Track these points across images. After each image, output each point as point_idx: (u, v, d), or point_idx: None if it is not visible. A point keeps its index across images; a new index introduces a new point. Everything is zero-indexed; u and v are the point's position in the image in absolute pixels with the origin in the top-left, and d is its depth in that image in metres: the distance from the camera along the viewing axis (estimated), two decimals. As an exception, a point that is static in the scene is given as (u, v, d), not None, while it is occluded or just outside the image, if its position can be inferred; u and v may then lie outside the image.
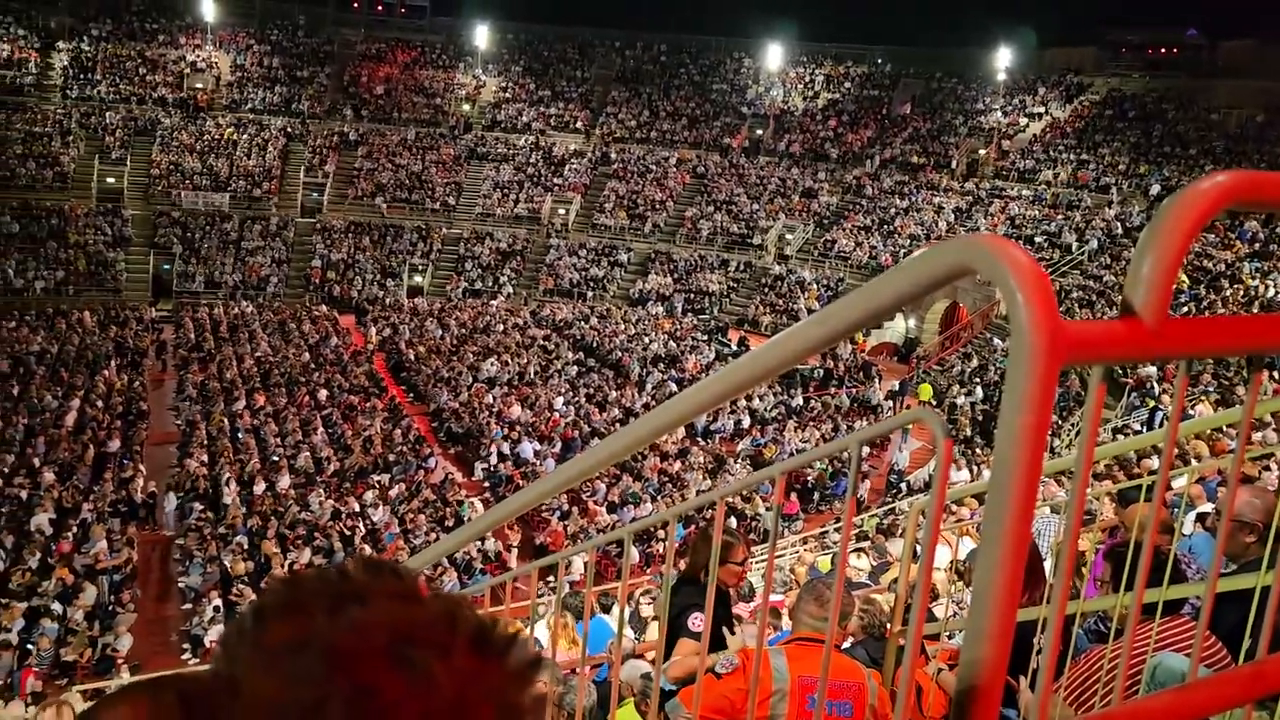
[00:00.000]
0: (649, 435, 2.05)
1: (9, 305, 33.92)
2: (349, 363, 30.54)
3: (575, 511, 20.39)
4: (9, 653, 14.75)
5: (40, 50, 44.40)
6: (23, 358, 28.75)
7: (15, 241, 37.05)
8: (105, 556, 17.95)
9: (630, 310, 38.06)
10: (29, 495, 20.18)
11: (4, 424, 23.99)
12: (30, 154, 40.13)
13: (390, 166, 44.94)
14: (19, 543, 18.42)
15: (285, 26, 50.36)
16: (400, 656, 0.66)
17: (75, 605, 16.29)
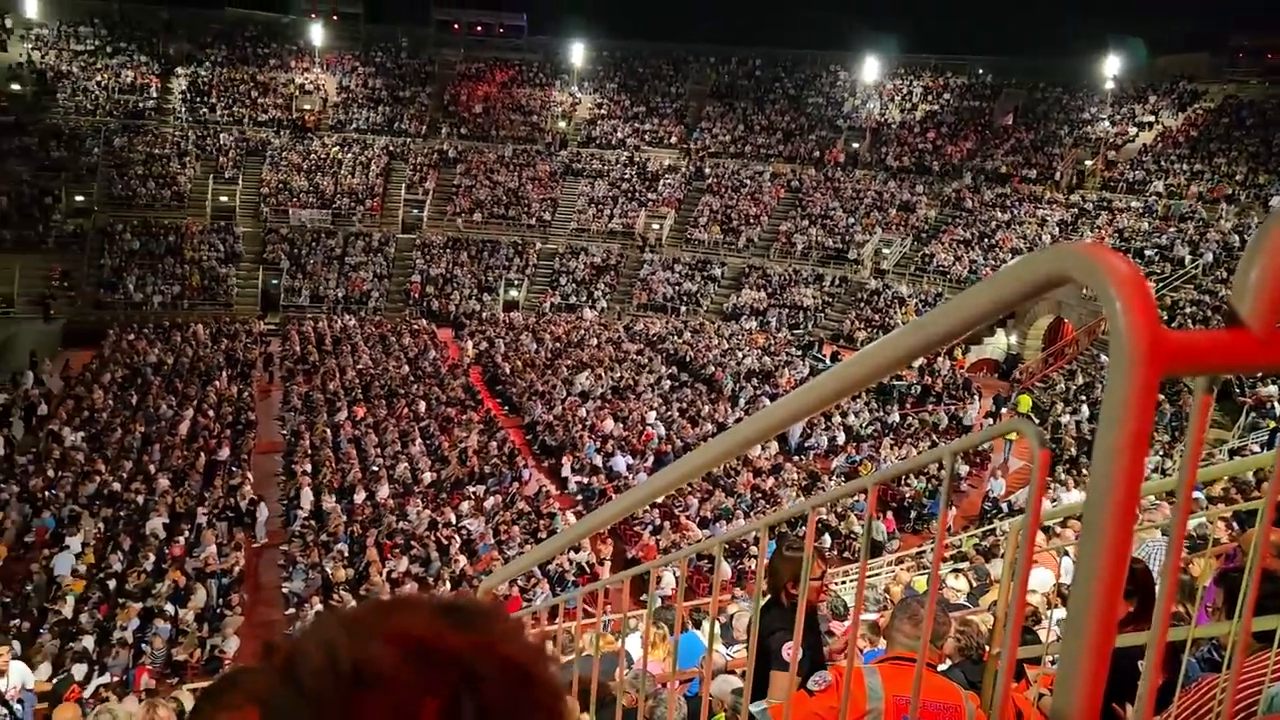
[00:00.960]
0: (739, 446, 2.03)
1: (129, 318, 35.62)
2: (446, 376, 31.14)
3: (667, 526, 20.37)
4: (125, 651, 15.42)
5: (161, 76, 46.61)
6: (140, 368, 30.11)
7: (136, 258, 38.95)
8: (214, 560, 18.63)
9: (724, 325, 37.97)
10: (145, 500, 21.10)
11: (123, 432, 25.17)
12: (150, 174, 42.11)
13: (488, 183, 45.80)
14: (135, 545, 19.27)
15: (389, 49, 51.85)
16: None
17: (186, 607, 16.94)
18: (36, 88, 43.83)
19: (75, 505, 20.63)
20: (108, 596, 17.46)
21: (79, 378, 29.48)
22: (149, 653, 15.68)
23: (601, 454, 24.36)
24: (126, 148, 42.94)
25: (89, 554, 18.82)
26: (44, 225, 38.77)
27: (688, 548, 3.24)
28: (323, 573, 18.30)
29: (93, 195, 40.67)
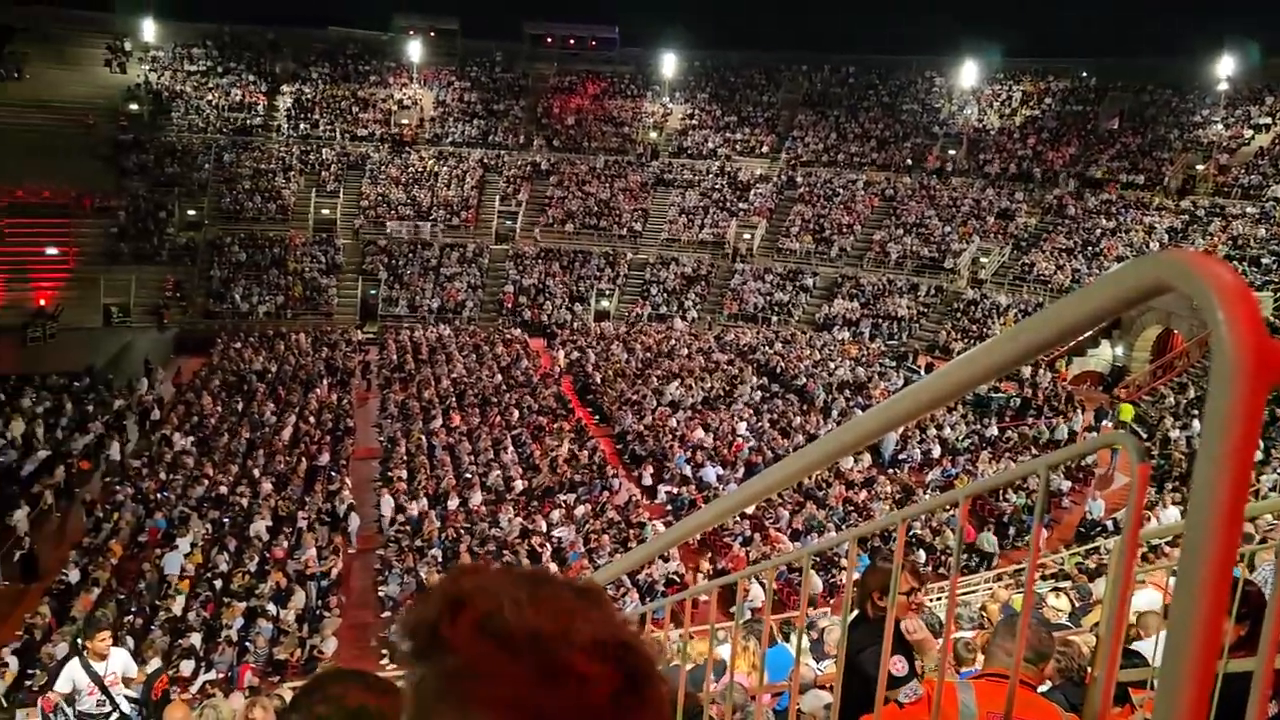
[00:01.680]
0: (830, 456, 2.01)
1: (236, 327, 36.99)
2: (538, 384, 31.49)
3: (757, 538, 20.22)
4: (230, 648, 15.97)
5: (267, 94, 48.35)
6: (246, 376, 31.21)
7: (243, 269, 40.45)
8: (314, 563, 19.16)
9: (815, 335, 37.60)
10: (249, 503, 21.84)
11: (230, 437, 26.11)
12: (256, 188, 43.69)
13: (579, 194, 46.26)
14: (240, 547, 19.95)
15: (484, 63, 52.85)
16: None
17: (287, 607, 17.45)
18: (153, 107, 45.90)
19: (185, 507, 21.47)
20: (214, 596, 18.10)
21: (189, 384, 30.68)
22: (252, 651, 16.20)
23: (691, 464, 24.33)
24: (235, 163, 44.65)
25: (197, 554, 19.55)
26: (159, 238, 40.54)
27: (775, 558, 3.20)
28: (417, 577, 18.65)
29: (203, 209, 42.40)
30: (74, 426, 26.38)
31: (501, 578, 0.80)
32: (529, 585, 0.79)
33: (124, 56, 47.88)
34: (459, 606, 0.76)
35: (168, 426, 26.74)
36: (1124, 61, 48.98)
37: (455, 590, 0.78)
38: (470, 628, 0.74)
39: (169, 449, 25.06)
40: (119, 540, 20.06)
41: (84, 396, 28.77)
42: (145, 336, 36.54)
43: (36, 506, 21.74)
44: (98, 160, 42.65)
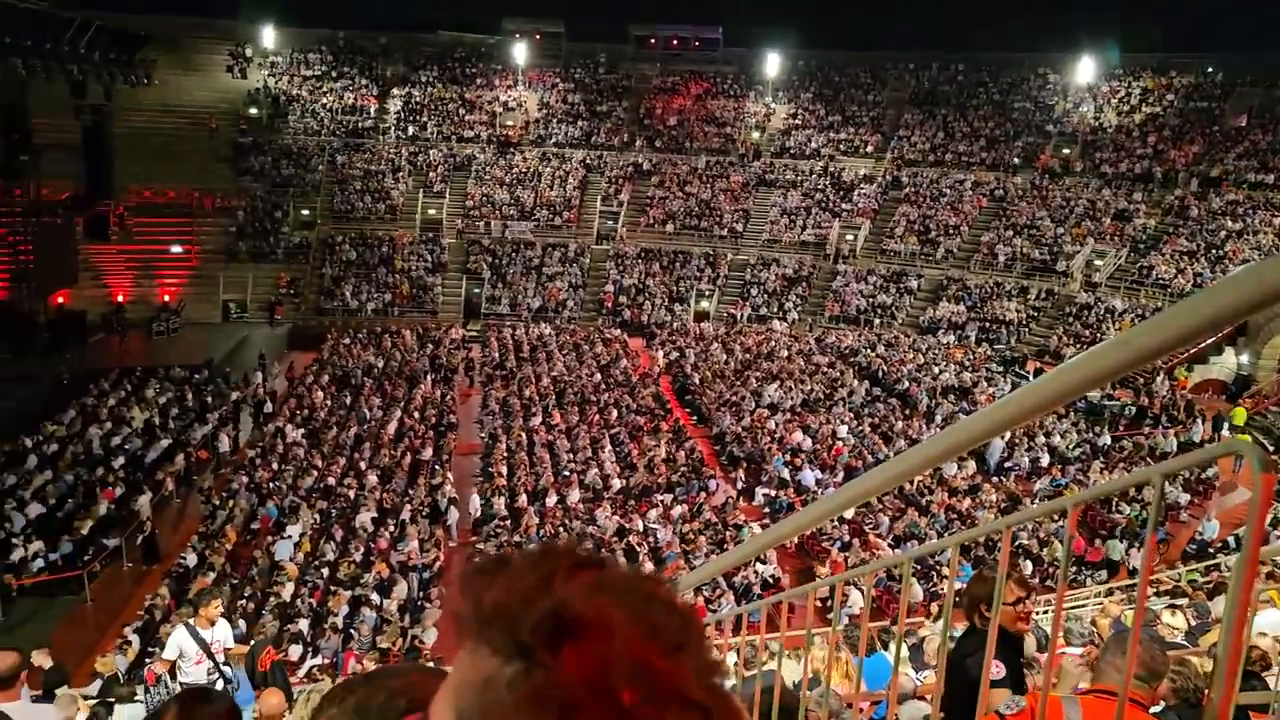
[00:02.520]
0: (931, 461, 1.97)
1: (345, 324, 38.15)
2: (637, 384, 31.62)
3: (856, 543, 19.93)
4: (336, 635, 16.47)
5: (378, 97, 49.72)
6: (354, 371, 32.17)
7: (352, 267, 41.71)
8: (416, 555, 19.62)
9: (919, 338, 36.85)
10: (356, 495, 22.51)
11: (338, 430, 26.94)
12: (367, 189, 44.98)
13: (680, 195, 46.28)
14: (346, 537, 20.58)
15: (587, 65, 53.33)
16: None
17: (390, 597, 17.92)
18: (271, 111, 47.67)
19: (295, 497, 22.24)
20: (321, 583, 18.70)
21: (301, 379, 31.77)
22: (356, 639, 16.68)
23: (790, 467, 24.11)
24: (347, 164, 46.05)
25: (305, 543, 20.24)
26: (274, 237, 42.11)
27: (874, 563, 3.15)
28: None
29: (316, 209, 43.85)
30: (194, 417, 27.58)
31: (610, 597, 0.75)
32: (639, 610, 0.75)
33: (245, 62, 49.86)
34: (563, 631, 0.72)
35: (280, 419, 27.74)
36: (1253, 56, 46.66)
37: (563, 609, 0.73)
38: (571, 658, 0.71)
39: (281, 440, 26.00)
40: (234, 527, 20.90)
41: (203, 388, 30.07)
42: (260, 331, 37.99)
43: (158, 492, 22.83)
44: (219, 162, 44.56)
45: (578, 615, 0.72)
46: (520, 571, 0.77)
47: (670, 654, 0.73)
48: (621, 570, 0.80)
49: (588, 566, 0.78)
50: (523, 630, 0.72)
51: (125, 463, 24.15)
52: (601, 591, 0.75)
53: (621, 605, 0.74)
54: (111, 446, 24.82)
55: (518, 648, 0.72)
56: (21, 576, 19.00)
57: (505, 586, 0.76)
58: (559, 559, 0.79)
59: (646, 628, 0.73)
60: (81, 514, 21.10)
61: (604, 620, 0.72)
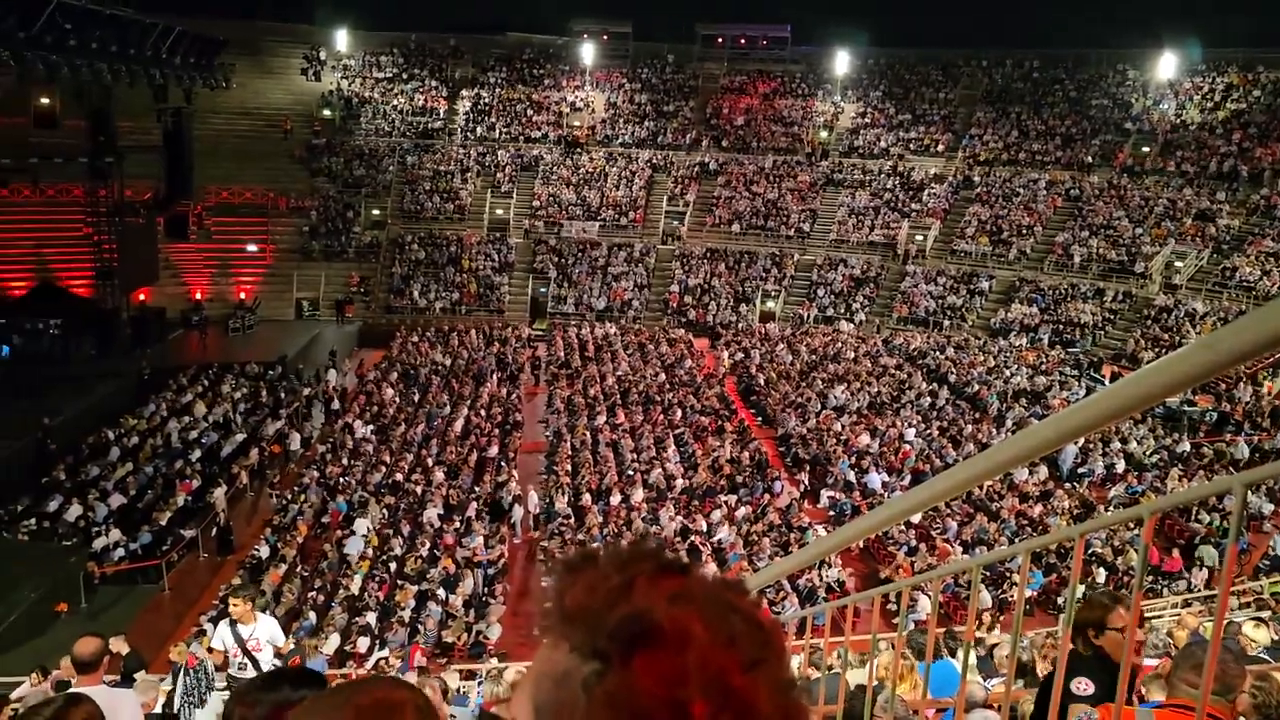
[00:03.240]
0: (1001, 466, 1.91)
1: (414, 322, 38.74)
2: (702, 384, 31.56)
3: (923, 548, 19.64)
4: (403, 629, 16.73)
5: (448, 98, 50.35)
6: (419, 369, 32.66)
7: (421, 266, 42.34)
8: (481, 551, 19.83)
9: (990, 341, 36.18)
10: (423, 491, 22.83)
11: (406, 426, 27.35)
12: (436, 189, 45.60)
13: (747, 194, 46.06)
14: (413, 532, 20.88)
15: (654, 65, 53.35)
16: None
17: (456, 593, 18.13)
18: (343, 113, 48.59)
19: (364, 492, 22.64)
20: (389, 577, 19.01)
21: (370, 375, 32.32)
22: (422, 632, 16.91)
23: (856, 470, 23.85)
24: (417, 165, 46.73)
25: (374, 537, 20.58)
26: (346, 237, 42.91)
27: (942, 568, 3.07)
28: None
29: (387, 209, 44.58)
30: (267, 412, 28.23)
31: (691, 606, 0.75)
32: (718, 622, 0.75)
33: (319, 65, 50.87)
34: (640, 638, 0.73)
35: (350, 415, 28.26)
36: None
37: (642, 617, 0.74)
38: (645, 666, 0.71)
39: (350, 436, 26.48)
40: (304, 520, 21.34)
41: (276, 384, 30.76)
42: (332, 329, 38.74)
43: (233, 485, 23.41)
44: (293, 163, 45.55)
45: (655, 623, 0.73)
46: (605, 572, 0.78)
47: (747, 668, 0.73)
48: (706, 579, 0.80)
49: (672, 572, 0.78)
50: (600, 633, 0.74)
51: (202, 456, 24.83)
52: (682, 600, 0.75)
53: (701, 616, 0.74)
54: (189, 440, 25.54)
55: (595, 649, 0.73)
56: (104, 565, 19.65)
57: (588, 587, 0.77)
58: (644, 563, 0.79)
59: (725, 640, 0.74)
60: (160, 505, 21.76)
61: (681, 630, 0.73)
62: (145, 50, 28.68)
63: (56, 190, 35.55)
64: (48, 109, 32.21)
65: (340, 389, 31.22)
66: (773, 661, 0.76)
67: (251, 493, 24.21)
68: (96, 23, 26.04)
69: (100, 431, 25.25)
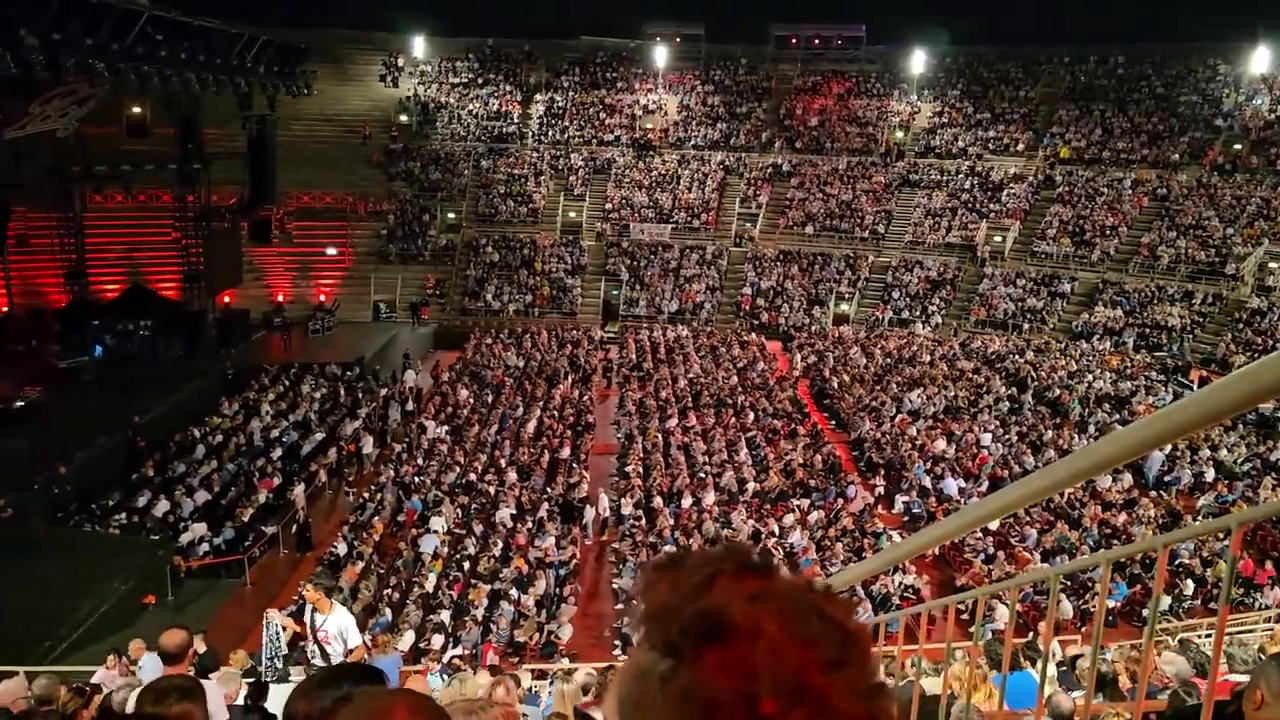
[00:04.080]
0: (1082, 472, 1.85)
1: (487, 324, 39.22)
2: (774, 388, 31.35)
3: (1001, 556, 19.22)
4: (476, 627, 16.91)
5: (522, 102, 50.85)
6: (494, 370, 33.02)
7: (495, 269, 42.85)
8: (553, 552, 19.96)
9: (1072, 344, 35.27)
10: (496, 491, 23.06)
11: (479, 427, 27.68)
12: (510, 193, 46.10)
13: (820, 196, 45.64)
14: (486, 532, 21.11)
15: (727, 66, 53.17)
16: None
17: (528, 593, 18.28)
18: (420, 118, 49.39)
19: (439, 492, 22.95)
20: (462, 576, 19.25)
21: (445, 377, 32.79)
22: (495, 631, 17.08)
23: (931, 475, 23.45)
24: (491, 169, 47.30)
25: (447, 536, 20.87)
26: (422, 240, 43.64)
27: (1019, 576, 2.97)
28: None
29: (462, 213, 45.21)
30: (345, 412, 28.82)
31: (769, 605, 0.75)
32: (796, 622, 0.75)
33: (397, 72, 51.79)
34: (711, 634, 0.74)
35: (425, 415, 28.69)
36: None
37: (713, 613, 0.75)
38: (714, 661, 0.73)
39: (425, 436, 26.89)
40: (381, 519, 21.73)
41: (354, 385, 31.38)
42: (408, 331, 39.42)
43: (312, 484, 23.94)
44: (371, 168, 46.46)
45: (729, 619, 0.75)
46: (688, 572, 0.80)
47: (826, 669, 0.74)
48: (789, 580, 0.80)
49: (755, 572, 0.79)
50: (675, 629, 0.76)
51: (283, 454, 25.45)
52: (760, 599, 0.76)
53: (779, 614, 0.75)
54: (271, 439, 26.20)
55: (669, 645, 0.75)
56: (189, 559, 20.27)
57: (670, 585, 0.79)
58: (727, 563, 0.80)
59: (802, 639, 0.74)
60: (243, 502, 22.36)
61: (754, 627, 0.74)
62: (231, 60, 29.48)
63: (147, 196, 36.73)
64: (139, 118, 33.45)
65: (416, 390, 31.73)
66: (855, 664, 0.75)
67: (329, 491, 24.74)
68: (185, 34, 26.84)
69: (187, 429, 26.06)
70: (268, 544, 21.38)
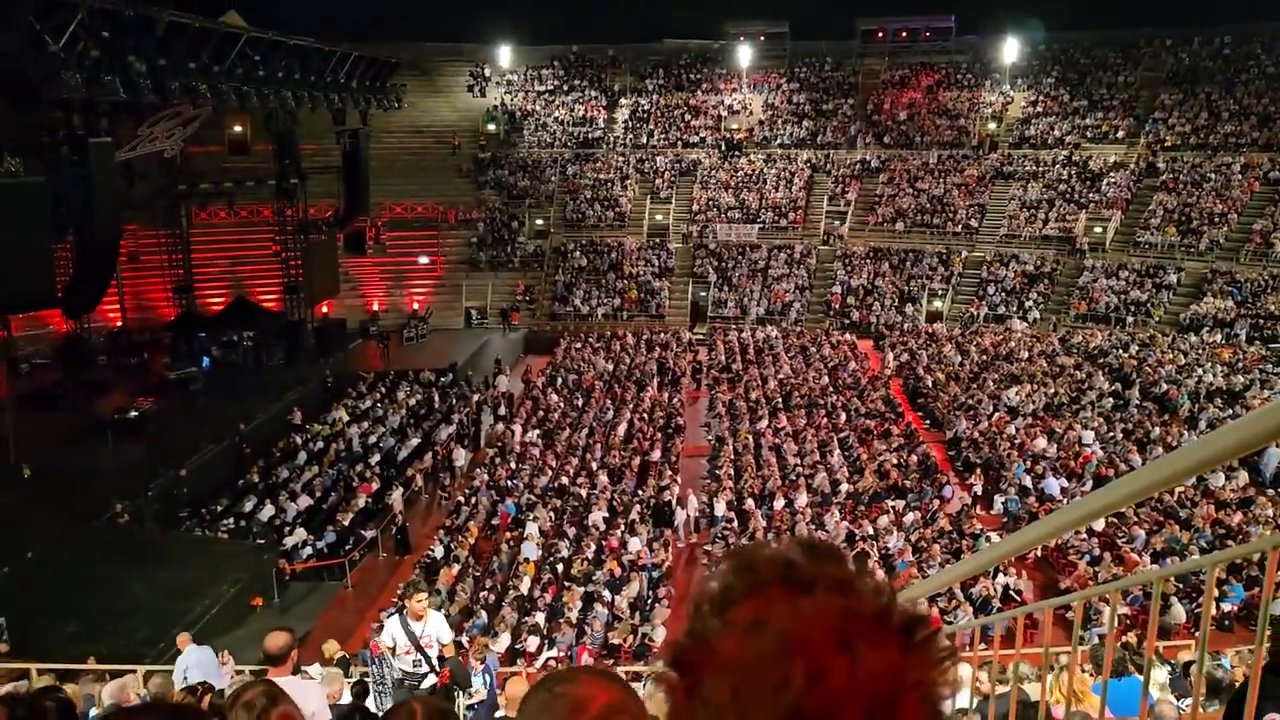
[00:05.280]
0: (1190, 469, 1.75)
1: (577, 328, 39.55)
2: (866, 387, 30.88)
3: (1107, 557, 18.55)
4: (570, 629, 17.03)
5: (607, 107, 51.15)
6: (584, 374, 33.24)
7: (583, 274, 43.17)
8: (645, 554, 19.98)
9: (1180, 337, 33.90)
10: (588, 494, 23.20)
11: (571, 431, 27.89)
12: (597, 198, 46.41)
13: (911, 191, 44.80)
14: (579, 534, 21.24)
15: (812, 63, 52.59)
16: (843, 644, 0.74)
17: (621, 595, 18.33)
18: (507, 126, 50.09)
19: (532, 495, 23.20)
20: (556, 579, 19.40)
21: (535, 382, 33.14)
22: (589, 634, 17.17)
23: (1031, 475, 22.78)
24: (578, 175, 47.69)
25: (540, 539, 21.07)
26: (511, 247, 44.24)
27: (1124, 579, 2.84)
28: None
29: (550, 219, 45.69)
30: (440, 418, 29.36)
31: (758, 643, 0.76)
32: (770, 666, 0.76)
33: (484, 81, 52.60)
34: (676, 666, 0.82)
35: (517, 420, 29.03)
36: None
37: (684, 645, 0.83)
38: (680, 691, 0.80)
39: (517, 441, 27.20)
40: (476, 522, 22.06)
41: (448, 391, 31.95)
42: (499, 337, 39.98)
43: (409, 488, 24.44)
44: (460, 177, 47.28)
45: (686, 651, 0.84)
46: (724, 578, 0.85)
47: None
48: (820, 601, 0.79)
49: (789, 586, 0.80)
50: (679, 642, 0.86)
51: (380, 460, 26.05)
52: (756, 629, 0.78)
53: (759, 650, 0.77)
54: (369, 444, 26.84)
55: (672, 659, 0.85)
56: (294, 562, 20.89)
57: (701, 590, 0.85)
58: (762, 571, 0.82)
59: (759, 680, 0.76)
60: (343, 506, 22.95)
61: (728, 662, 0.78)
62: (325, 76, 30.34)
63: (248, 211, 37.99)
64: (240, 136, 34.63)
65: (508, 394, 32.14)
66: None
67: (425, 495, 25.22)
68: (282, 53, 27.72)
69: (289, 436, 26.88)
70: (367, 547, 21.91)
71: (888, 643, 0.75)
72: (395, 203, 43.49)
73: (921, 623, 0.78)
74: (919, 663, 0.76)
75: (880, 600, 0.79)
